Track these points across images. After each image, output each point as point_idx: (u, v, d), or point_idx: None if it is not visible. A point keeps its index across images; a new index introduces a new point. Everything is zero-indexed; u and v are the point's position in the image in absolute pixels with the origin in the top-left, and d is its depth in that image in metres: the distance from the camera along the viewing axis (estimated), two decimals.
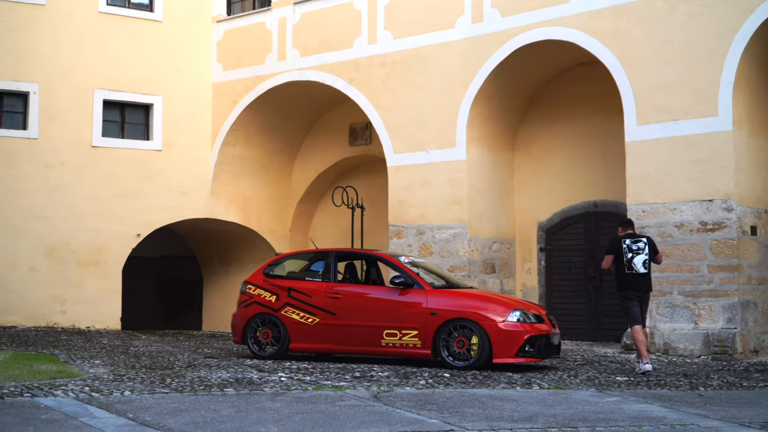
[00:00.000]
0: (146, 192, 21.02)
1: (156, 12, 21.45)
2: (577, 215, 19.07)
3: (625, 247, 13.03)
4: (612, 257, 13.07)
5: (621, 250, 13.04)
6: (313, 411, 8.37)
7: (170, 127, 21.40)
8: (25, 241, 19.83)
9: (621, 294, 13.03)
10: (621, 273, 12.99)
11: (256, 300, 13.81)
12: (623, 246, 13.04)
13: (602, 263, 13.35)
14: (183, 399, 9.01)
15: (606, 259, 13.19)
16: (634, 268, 12.98)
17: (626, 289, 12.93)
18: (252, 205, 22.28)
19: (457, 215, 18.58)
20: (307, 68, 20.64)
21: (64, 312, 20.12)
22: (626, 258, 12.99)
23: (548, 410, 8.69)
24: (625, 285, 12.94)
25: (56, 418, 7.76)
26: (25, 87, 19.93)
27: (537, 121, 19.56)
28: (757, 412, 8.77)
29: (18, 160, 19.85)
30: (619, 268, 13.02)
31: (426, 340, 12.58)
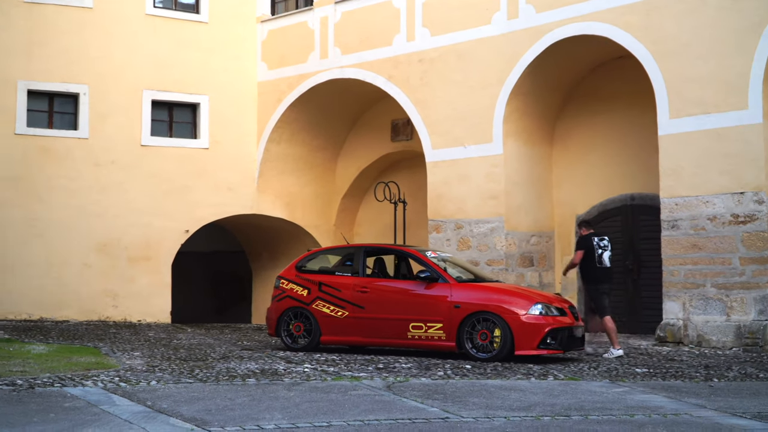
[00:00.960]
0: (194, 189, 21.61)
1: (202, 13, 22.02)
2: (614, 208, 19.20)
3: (595, 244, 14.18)
4: (582, 253, 14.17)
5: (592, 247, 14.16)
6: (323, 400, 8.78)
7: (217, 125, 21.96)
8: (78, 237, 20.54)
9: (594, 287, 14.10)
10: (592, 268, 14.07)
11: (289, 294, 14.27)
12: (593, 243, 14.19)
13: (573, 258, 14.42)
14: (203, 388, 9.47)
15: (577, 255, 14.28)
16: (603, 263, 14.18)
17: (600, 283, 14.08)
18: (297, 200, 22.78)
19: (494, 209, 18.84)
20: (348, 66, 21.04)
21: (116, 306, 20.80)
22: (597, 254, 14.14)
23: (550, 400, 8.98)
24: (598, 279, 14.09)
25: (78, 406, 8.26)
26: (75, 88, 20.63)
27: (575, 115, 19.72)
28: (757, 403, 8.96)
29: (70, 160, 20.55)
30: (591, 264, 14.10)
31: (450, 333, 12.92)
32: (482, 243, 18.96)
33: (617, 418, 7.97)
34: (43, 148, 20.31)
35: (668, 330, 16.22)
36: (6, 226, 19.85)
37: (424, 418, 7.84)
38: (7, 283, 19.74)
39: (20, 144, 20.11)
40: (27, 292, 19.91)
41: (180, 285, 24.39)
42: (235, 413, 8.00)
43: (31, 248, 20.08)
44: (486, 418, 7.91)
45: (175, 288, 22.37)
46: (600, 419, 7.90)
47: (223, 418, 7.76)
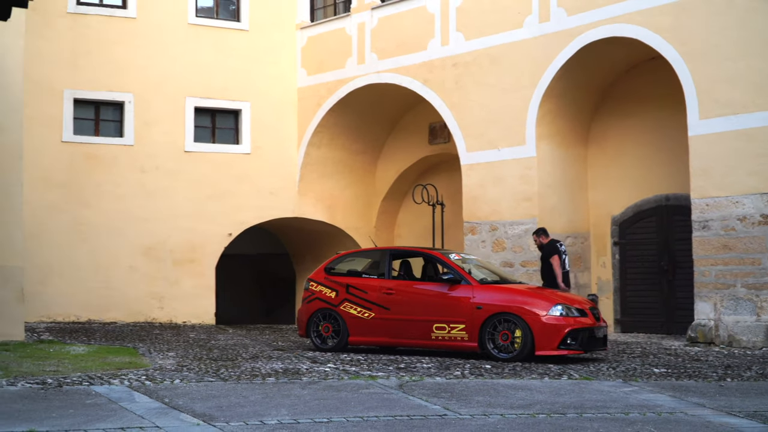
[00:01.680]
0: (237, 193, 22.12)
1: (242, 21, 22.53)
2: (649, 209, 19.30)
3: (563, 249, 15.74)
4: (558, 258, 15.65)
5: (560, 252, 15.75)
6: (332, 398, 9.12)
7: (258, 131, 22.46)
8: (124, 241, 21.15)
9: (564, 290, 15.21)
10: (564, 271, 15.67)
11: (318, 296, 14.65)
12: (561, 249, 15.82)
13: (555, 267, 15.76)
14: (223, 387, 9.88)
15: (555, 261, 15.68)
16: (566, 267, 15.80)
17: (567, 285, 15.62)
18: (338, 203, 23.18)
19: (528, 211, 19.05)
20: (385, 71, 21.40)
21: (161, 308, 21.38)
22: (563, 259, 15.71)
23: (554, 398, 9.22)
24: (566, 282, 15.61)
25: (99, 402, 8.71)
26: (120, 97, 21.25)
27: (609, 116, 19.85)
28: (758, 402, 9.11)
29: (116, 166, 21.17)
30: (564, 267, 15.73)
31: (473, 333, 13.19)
32: (516, 244, 19.17)
33: (611, 416, 8.21)
34: (89, 155, 20.94)
35: (699, 330, 16.31)
36: (54, 230, 20.51)
37: (422, 415, 8.15)
38: (56, 286, 20.39)
39: (67, 151, 20.76)
40: (75, 295, 20.54)
41: (228, 287, 25.02)
42: (245, 410, 8.37)
43: (78, 252, 20.72)
44: (483, 415, 8.20)
45: (224, 290, 22.92)
46: (594, 417, 8.14)
47: (231, 414, 8.14)
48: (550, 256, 16.03)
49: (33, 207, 20.04)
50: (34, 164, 20.16)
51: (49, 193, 20.53)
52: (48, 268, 20.37)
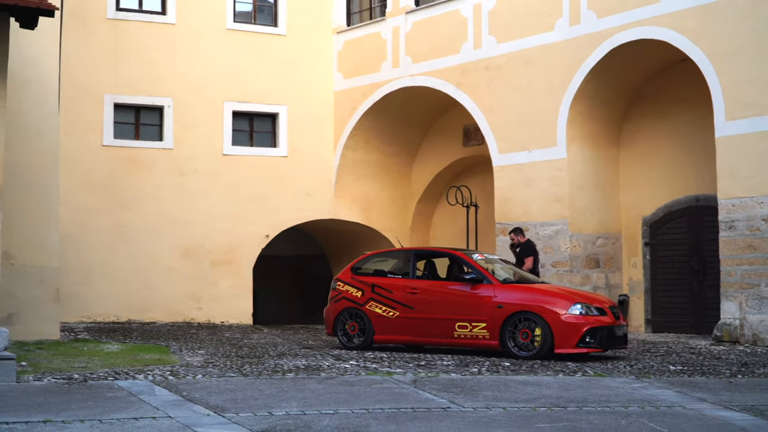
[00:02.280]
0: (274, 195, 22.53)
1: (280, 26, 22.94)
2: (679, 209, 19.37)
3: (539, 249, 16.54)
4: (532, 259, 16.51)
5: (537, 251, 16.82)
6: (344, 392, 9.42)
7: (295, 134, 22.85)
8: (164, 243, 21.64)
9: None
10: (536, 273, 16.49)
11: (345, 295, 14.97)
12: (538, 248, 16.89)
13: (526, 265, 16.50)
14: (242, 381, 10.21)
15: (528, 261, 16.56)
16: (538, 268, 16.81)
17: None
18: (373, 205, 23.50)
19: (559, 212, 19.22)
20: (419, 74, 21.68)
21: (200, 308, 21.83)
22: (537, 260, 16.59)
23: (561, 393, 9.43)
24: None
25: (120, 395, 9.08)
26: (160, 101, 21.75)
27: (641, 118, 19.94)
28: (759, 397, 9.25)
29: (156, 169, 21.68)
30: (535, 269, 16.53)
31: (494, 332, 13.43)
32: (547, 245, 19.33)
33: (611, 409, 8.41)
34: (129, 159, 21.47)
35: (725, 329, 16.38)
36: (95, 232, 21.04)
37: (427, 408, 8.42)
38: (97, 286, 20.92)
39: (107, 155, 21.30)
40: (115, 296, 21.06)
41: (268, 288, 25.43)
42: (258, 402, 8.70)
43: (119, 253, 21.24)
44: (485, 408, 8.44)
45: (264, 291, 23.32)
46: (593, 410, 8.35)
47: (242, 406, 8.47)
48: (527, 256, 16.88)
49: (74, 209, 20.63)
50: (76, 168, 20.76)
51: (90, 196, 21.07)
52: (89, 270, 20.91)
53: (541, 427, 7.55)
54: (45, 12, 10.07)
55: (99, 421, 7.70)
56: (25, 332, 14.94)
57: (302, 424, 7.61)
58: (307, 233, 25.11)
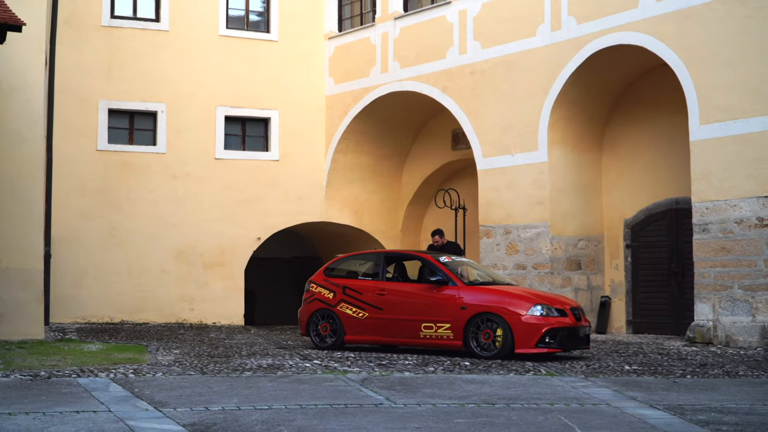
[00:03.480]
0: (266, 199, 22.95)
1: (272, 32, 23.37)
2: (660, 212, 19.63)
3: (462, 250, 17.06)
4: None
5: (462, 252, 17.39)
6: (289, 389, 9.79)
7: (287, 138, 23.27)
8: (157, 245, 22.11)
9: None
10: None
11: (317, 297, 15.36)
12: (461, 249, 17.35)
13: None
14: (197, 379, 10.60)
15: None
16: None
17: None
18: (364, 208, 23.88)
19: (540, 215, 19.53)
20: (407, 79, 22.05)
21: (192, 309, 22.28)
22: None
23: (500, 391, 9.77)
24: None
25: (74, 391, 9.49)
26: (153, 107, 22.23)
27: (623, 121, 20.21)
28: (692, 396, 9.55)
29: (149, 173, 22.15)
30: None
31: (458, 332, 13.78)
32: (529, 247, 19.65)
33: (537, 406, 8.73)
34: (123, 163, 21.95)
35: (698, 331, 16.64)
36: (89, 235, 21.53)
37: (359, 404, 8.78)
38: (91, 288, 21.41)
39: (102, 159, 21.79)
40: (109, 297, 21.54)
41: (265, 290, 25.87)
42: (201, 398, 9.08)
43: (112, 256, 21.72)
44: (416, 404, 8.79)
45: (261, 292, 23.70)
46: (519, 407, 8.68)
47: (185, 402, 8.85)
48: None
49: (69, 213, 21.15)
50: (70, 172, 21.27)
51: (85, 200, 21.55)
52: (83, 272, 21.40)
53: (459, 422, 7.89)
54: (13, 27, 10.51)
55: (43, 413, 8.11)
56: (10, 332, 15.44)
57: (231, 418, 7.99)
58: (302, 236, 25.53)
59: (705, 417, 8.28)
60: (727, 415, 8.42)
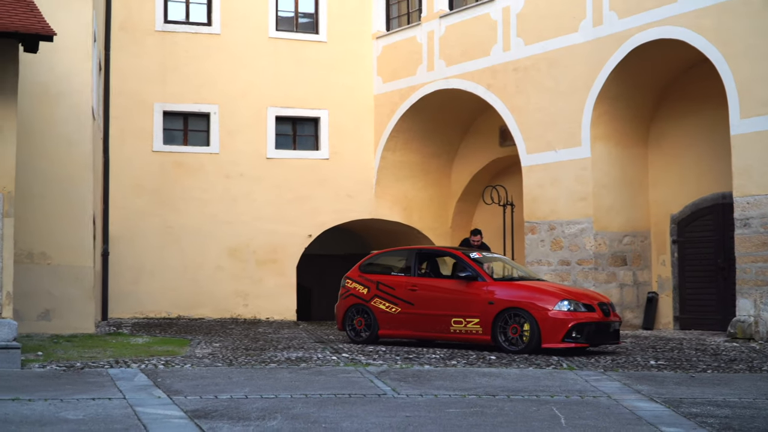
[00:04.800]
0: (316, 197, 23.39)
1: (321, 33, 23.78)
2: (706, 207, 19.54)
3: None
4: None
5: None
6: (303, 380, 10.15)
7: (336, 137, 23.68)
8: (211, 243, 22.70)
9: None
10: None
11: (353, 292, 15.72)
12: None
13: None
14: (221, 371, 11.02)
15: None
16: None
17: None
18: (413, 205, 24.18)
19: (583, 211, 19.60)
20: (452, 77, 22.27)
21: (246, 305, 22.83)
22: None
23: (509, 384, 10.00)
24: None
25: (100, 381, 9.97)
26: (206, 108, 22.82)
27: (668, 117, 20.16)
28: (700, 391, 9.65)
29: (203, 173, 22.75)
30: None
31: (486, 327, 14.01)
32: (573, 243, 19.74)
33: (537, 398, 8.95)
34: (178, 163, 22.58)
35: (739, 326, 16.58)
36: (146, 233, 22.20)
37: (363, 394, 9.09)
38: (148, 285, 22.08)
39: (157, 160, 22.44)
40: (166, 293, 22.19)
41: (320, 286, 26.35)
42: (215, 388, 9.47)
43: (168, 253, 22.36)
44: (419, 395, 9.07)
45: (315, 288, 24.12)
46: (519, 399, 8.91)
47: (198, 391, 9.26)
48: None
49: (126, 212, 21.86)
50: (127, 173, 21.98)
51: (141, 199, 22.22)
52: (141, 269, 22.08)
53: (450, 411, 8.15)
54: (45, 37, 11.06)
55: (60, 400, 8.58)
56: (61, 327, 16.10)
57: (234, 405, 8.38)
58: (354, 232, 25.90)
59: (698, 410, 8.40)
60: (722, 408, 8.53)
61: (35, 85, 16.00)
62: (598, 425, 7.65)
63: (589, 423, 7.73)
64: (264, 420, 7.67)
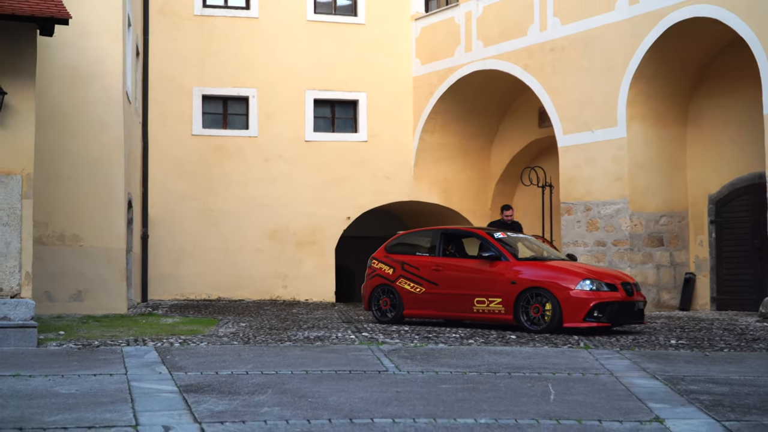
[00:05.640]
0: (354, 179, 23.47)
1: (359, 16, 23.80)
2: (743, 187, 19.25)
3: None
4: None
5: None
6: (311, 357, 10.21)
7: (375, 119, 23.71)
8: (251, 225, 22.91)
9: None
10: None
11: (378, 273, 15.76)
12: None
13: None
14: (233, 349, 11.12)
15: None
16: None
17: None
18: (452, 187, 24.13)
19: (619, 191, 19.41)
20: (489, 57, 22.16)
21: (285, 287, 23.02)
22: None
23: (517, 362, 9.97)
24: None
25: (110, 358, 10.13)
26: (245, 92, 23.00)
27: (707, 96, 19.87)
28: (706, 368, 9.53)
29: (242, 156, 22.95)
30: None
31: (508, 307, 13.96)
32: (609, 224, 19.56)
33: (538, 375, 8.91)
34: (217, 147, 22.81)
35: None
36: (186, 216, 22.48)
37: (363, 371, 9.13)
38: (188, 267, 22.37)
39: (196, 144, 22.70)
40: (206, 276, 22.46)
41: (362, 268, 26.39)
42: (220, 365, 9.56)
43: (208, 236, 22.62)
44: (420, 372, 9.09)
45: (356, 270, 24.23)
46: (518, 376, 8.88)
47: (202, 367, 9.36)
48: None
49: (166, 195, 22.17)
50: (167, 156, 22.28)
51: (181, 182, 22.49)
52: (181, 251, 22.37)
53: (443, 387, 8.16)
54: (60, 21, 11.24)
55: (61, 375, 8.76)
56: (93, 307, 16.40)
57: (229, 381, 8.47)
58: (393, 214, 25.93)
59: (696, 387, 8.30)
60: (722, 386, 8.42)
61: (67, 68, 16.27)
62: (586, 401, 7.60)
63: (578, 399, 7.68)
64: (253, 395, 7.75)
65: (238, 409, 7.09)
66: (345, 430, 6.47)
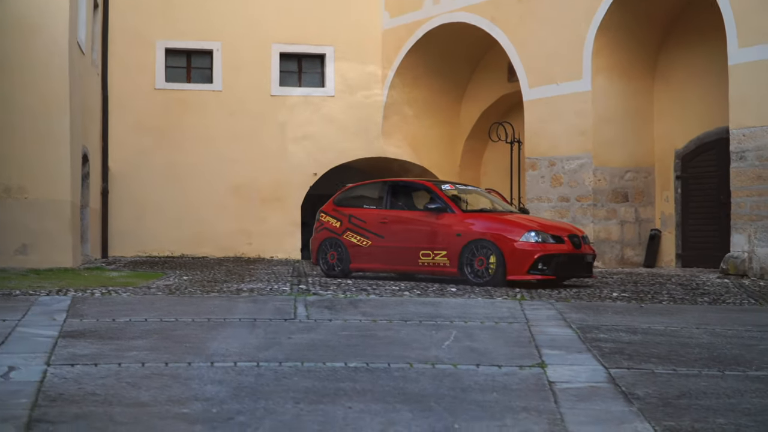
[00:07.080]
0: (321, 135, 23.05)
1: None
2: (710, 142, 18.86)
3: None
4: None
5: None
6: (223, 307, 9.84)
7: (342, 74, 23.23)
8: (215, 181, 22.54)
9: None
10: None
11: (326, 226, 15.41)
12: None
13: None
14: (152, 299, 10.73)
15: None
16: None
17: None
18: (421, 143, 23.71)
19: (583, 145, 19.03)
20: (457, 10, 21.67)
21: (250, 243, 22.68)
22: None
23: (434, 311, 9.62)
24: None
25: (17, 306, 9.66)
26: (209, 45, 22.55)
27: (676, 48, 19.44)
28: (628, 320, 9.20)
29: (206, 111, 22.53)
30: None
31: (453, 260, 13.62)
32: (572, 179, 19.19)
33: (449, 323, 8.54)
34: (180, 101, 22.39)
35: (731, 262, 15.97)
36: (149, 172, 22.11)
37: (268, 319, 8.79)
38: (151, 223, 22.03)
39: (160, 98, 22.28)
40: (169, 232, 22.13)
41: None
42: (125, 313, 9.16)
43: (171, 192, 22.26)
44: (327, 320, 8.76)
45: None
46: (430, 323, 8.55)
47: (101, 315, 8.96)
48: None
49: (128, 150, 21.80)
50: (129, 110, 21.88)
51: (144, 137, 22.11)
52: (143, 207, 22.02)
53: (341, 334, 7.83)
54: None
55: None
56: (38, 261, 16.04)
57: (119, 328, 8.14)
58: (362, 171, 25.52)
59: (605, 335, 7.97)
60: (635, 335, 8.08)
61: (12, 18, 15.85)
62: (480, 348, 7.26)
63: (473, 345, 7.34)
64: (133, 340, 7.43)
65: (104, 353, 6.77)
66: (200, 372, 6.15)
